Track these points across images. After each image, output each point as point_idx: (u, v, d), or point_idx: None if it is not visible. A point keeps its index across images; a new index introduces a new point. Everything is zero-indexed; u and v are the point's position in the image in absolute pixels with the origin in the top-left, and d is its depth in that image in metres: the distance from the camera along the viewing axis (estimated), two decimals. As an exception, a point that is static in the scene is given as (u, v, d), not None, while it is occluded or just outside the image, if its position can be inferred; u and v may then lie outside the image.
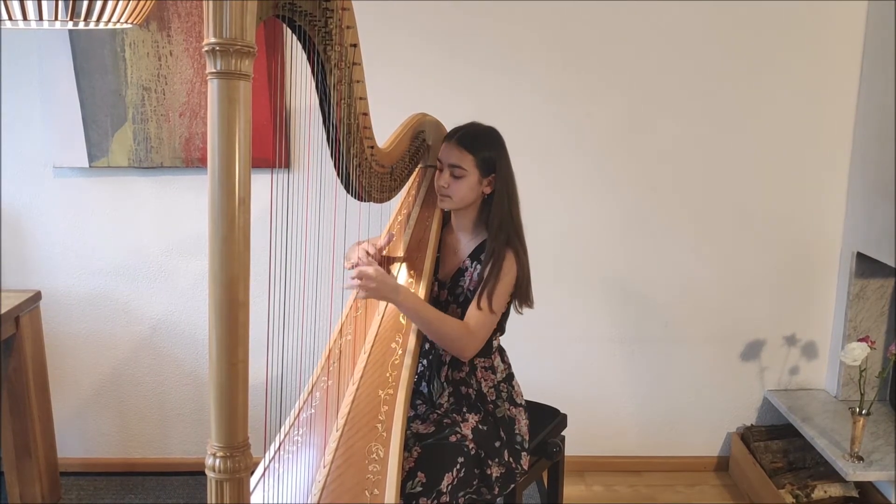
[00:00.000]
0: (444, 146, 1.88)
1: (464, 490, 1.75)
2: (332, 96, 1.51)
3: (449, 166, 1.84)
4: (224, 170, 1.08)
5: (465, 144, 1.83)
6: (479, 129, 1.88)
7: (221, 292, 1.11)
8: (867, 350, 2.31)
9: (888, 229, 2.41)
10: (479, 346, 1.84)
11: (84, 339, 2.77)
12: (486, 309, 1.79)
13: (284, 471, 1.57)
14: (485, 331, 1.82)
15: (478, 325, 1.80)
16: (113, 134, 2.57)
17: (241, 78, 1.07)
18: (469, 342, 1.80)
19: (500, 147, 1.87)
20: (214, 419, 1.14)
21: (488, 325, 1.82)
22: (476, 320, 1.80)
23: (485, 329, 1.82)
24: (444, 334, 1.78)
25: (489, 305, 1.79)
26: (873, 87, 2.54)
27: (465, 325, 1.80)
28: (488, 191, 1.87)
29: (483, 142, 1.85)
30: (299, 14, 1.34)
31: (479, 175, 1.84)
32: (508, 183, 1.87)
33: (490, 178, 1.86)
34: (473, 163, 1.83)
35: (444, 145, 1.87)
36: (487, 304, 1.79)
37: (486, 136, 1.87)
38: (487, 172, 1.85)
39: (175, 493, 2.72)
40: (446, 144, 1.87)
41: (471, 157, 1.83)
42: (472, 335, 1.80)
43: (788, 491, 2.48)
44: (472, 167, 1.83)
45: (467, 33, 2.55)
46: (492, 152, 1.85)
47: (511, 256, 1.82)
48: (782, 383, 2.86)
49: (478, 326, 1.80)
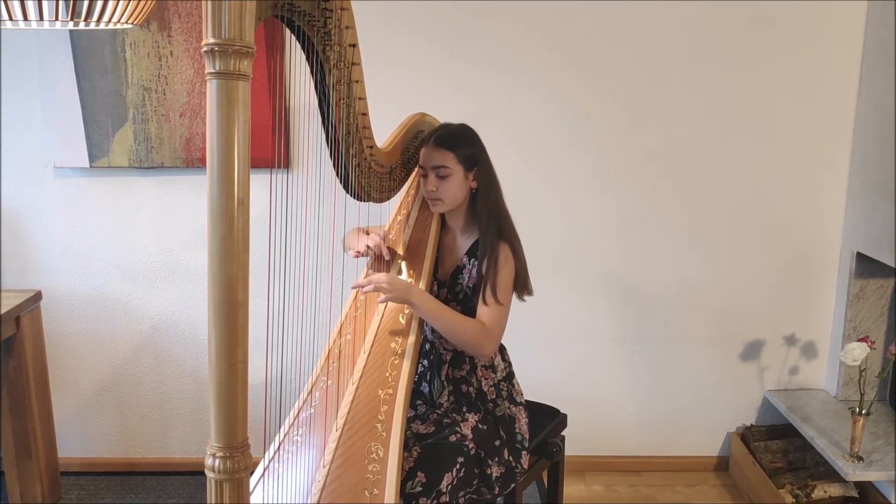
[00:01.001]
0: (423, 152, 1.89)
1: (464, 490, 1.75)
2: (332, 96, 1.51)
3: (432, 168, 1.85)
4: (223, 170, 1.08)
5: (443, 144, 1.85)
6: (452, 128, 1.90)
7: (221, 292, 1.11)
8: (867, 350, 2.31)
9: (888, 229, 2.41)
10: (497, 342, 1.85)
11: (84, 339, 2.78)
12: (493, 303, 1.80)
13: (284, 471, 1.57)
14: (500, 325, 1.83)
15: (492, 321, 1.81)
16: (113, 134, 2.57)
17: (240, 78, 1.07)
18: (487, 340, 1.81)
19: (476, 141, 1.89)
20: (214, 419, 1.14)
21: (501, 319, 1.83)
22: (489, 316, 1.81)
23: (499, 323, 1.83)
24: (461, 334, 1.79)
25: (495, 299, 1.80)
26: (873, 87, 2.54)
27: (480, 323, 1.81)
28: (475, 185, 1.88)
29: (460, 139, 1.87)
30: (298, 14, 1.35)
31: (464, 170, 1.86)
32: (490, 174, 1.89)
33: (474, 171, 1.87)
34: (455, 159, 1.84)
35: (424, 151, 1.89)
36: (493, 298, 1.80)
37: (461, 134, 1.89)
38: (470, 167, 1.86)
39: (175, 493, 2.73)
40: (425, 149, 1.88)
41: (451, 154, 1.84)
42: (489, 332, 1.81)
43: (788, 491, 2.48)
44: (454, 164, 1.84)
45: (466, 33, 2.56)
46: (471, 147, 1.87)
47: (506, 247, 1.83)
48: (782, 383, 2.86)
49: (492, 322, 1.81)
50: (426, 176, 1.88)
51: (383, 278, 1.70)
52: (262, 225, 1.36)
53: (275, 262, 1.44)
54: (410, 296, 1.73)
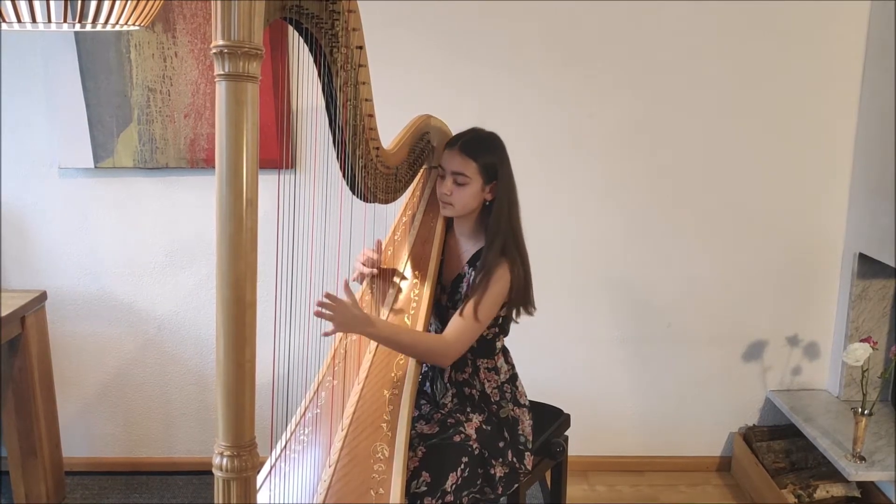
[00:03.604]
0: (446, 153, 1.87)
1: (468, 490, 1.76)
2: (338, 98, 1.51)
3: (452, 174, 1.84)
4: (232, 171, 1.09)
5: (467, 151, 1.83)
6: (481, 136, 1.88)
7: (229, 292, 1.11)
8: (869, 350, 2.32)
9: (890, 230, 2.42)
10: (457, 355, 1.82)
11: (89, 339, 2.78)
12: (469, 318, 1.77)
13: (290, 470, 1.57)
14: (464, 340, 1.80)
15: (456, 336, 1.78)
16: (118, 135, 2.58)
17: (249, 80, 1.08)
18: (445, 354, 1.79)
19: (501, 153, 1.87)
20: (222, 419, 1.15)
21: (469, 334, 1.80)
22: (455, 330, 1.78)
23: (464, 338, 1.80)
24: (421, 353, 1.77)
25: (474, 314, 1.77)
26: (875, 88, 2.55)
27: (441, 339, 1.79)
28: (490, 197, 1.86)
29: (485, 148, 1.85)
30: (306, 16, 1.35)
31: (482, 182, 1.84)
32: (510, 189, 1.86)
33: (492, 185, 1.85)
34: (476, 170, 1.83)
35: (447, 152, 1.87)
36: (472, 312, 1.77)
37: (488, 143, 1.86)
38: (490, 179, 1.85)
39: (180, 493, 2.73)
40: (448, 151, 1.86)
41: (474, 164, 1.82)
42: (449, 347, 1.78)
43: (791, 491, 2.49)
44: (475, 174, 1.83)
45: (472, 34, 2.56)
46: (494, 159, 1.84)
47: (504, 265, 1.80)
48: (784, 383, 2.86)
49: (456, 337, 1.78)
50: (444, 177, 1.87)
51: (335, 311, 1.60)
52: (269, 226, 1.37)
53: (282, 262, 1.44)
54: (366, 327, 1.66)
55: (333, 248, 1.85)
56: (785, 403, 2.74)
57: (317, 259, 1.71)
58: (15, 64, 2.55)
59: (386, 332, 1.72)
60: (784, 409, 2.74)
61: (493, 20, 2.55)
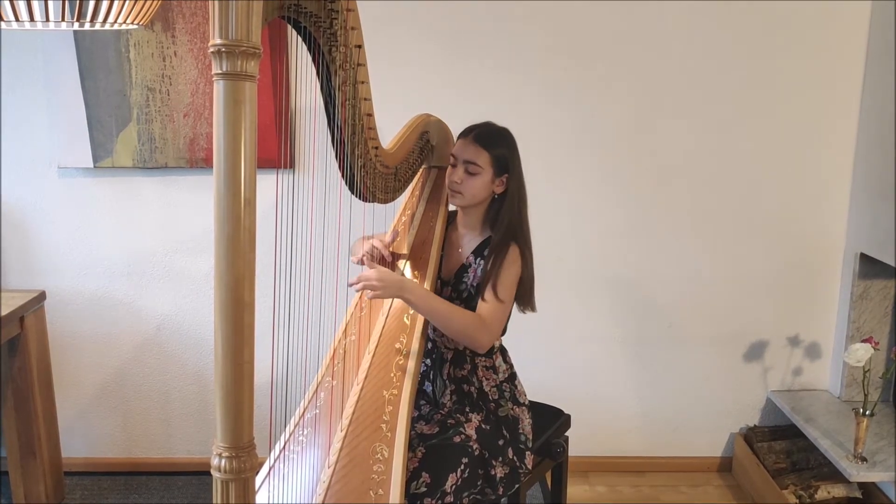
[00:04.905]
0: (459, 142, 1.89)
1: (468, 490, 1.75)
2: (337, 97, 1.51)
3: (464, 162, 1.85)
4: (230, 170, 1.09)
5: (481, 141, 1.84)
6: (494, 129, 1.90)
7: (227, 293, 1.11)
8: (871, 351, 2.31)
9: (891, 230, 2.41)
10: (494, 336, 1.84)
11: (88, 339, 2.78)
12: (492, 300, 1.79)
13: (289, 471, 1.57)
14: (498, 321, 1.82)
15: (490, 316, 1.79)
16: (117, 134, 2.57)
17: (247, 79, 1.08)
18: (483, 332, 1.79)
19: (514, 148, 1.89)
20: (220, 420, 1.14)
21: (500, 315, 1.82)
22: (487, 311, 1.80)
23: (497, 319, 1.81)
24: (456, 325, 1.77)
25: (495, 295, 1.79)
26: (877, 88, 2.54)
27: (477, 315, 1.80)
28: (499, 190, 1.88)
29: (499, 141, 1.87)
30: (304, 15, 1.35)
31: (493, 173, 1.86)
32: (519, 184, 1.88)
33: (503, 177, 1.87)
34: (488, 160, 1.84)
35: (460, 142, 1.89)
36: (493, 294, 1.79)
37: (501, 136, 1.89)
38: (501, 172, 1.86)
39: (179, 494, 2.73)
40: (462, 141, 1.88)
41: (486, 154, 1.84)
42: (486, 325, 1.79)
43: (792, 492, 2.48)
44: (486, 164, 1.84)
45: (472, 33, 2.56)
46: (506, 152, 1.86)
47: (515, 249, 1.83)
48: (786, 384, 2.86)
49: (490, 316, 1.79)
50: (455, 166, 1.88)
51: (372, 275, 1.67)
52: (268, 225, 1.36)
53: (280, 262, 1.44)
54: (403, 291, 1.70)
55: (332, 248, 1.84)
56: (786, 404, 2.73)
57: (315, 259, 1.71)
58: (14, 63, 2.55)
59: (424, 296, 1.74)
60: (785, 409, 2.73)
61: (494, 20, 2.54)
